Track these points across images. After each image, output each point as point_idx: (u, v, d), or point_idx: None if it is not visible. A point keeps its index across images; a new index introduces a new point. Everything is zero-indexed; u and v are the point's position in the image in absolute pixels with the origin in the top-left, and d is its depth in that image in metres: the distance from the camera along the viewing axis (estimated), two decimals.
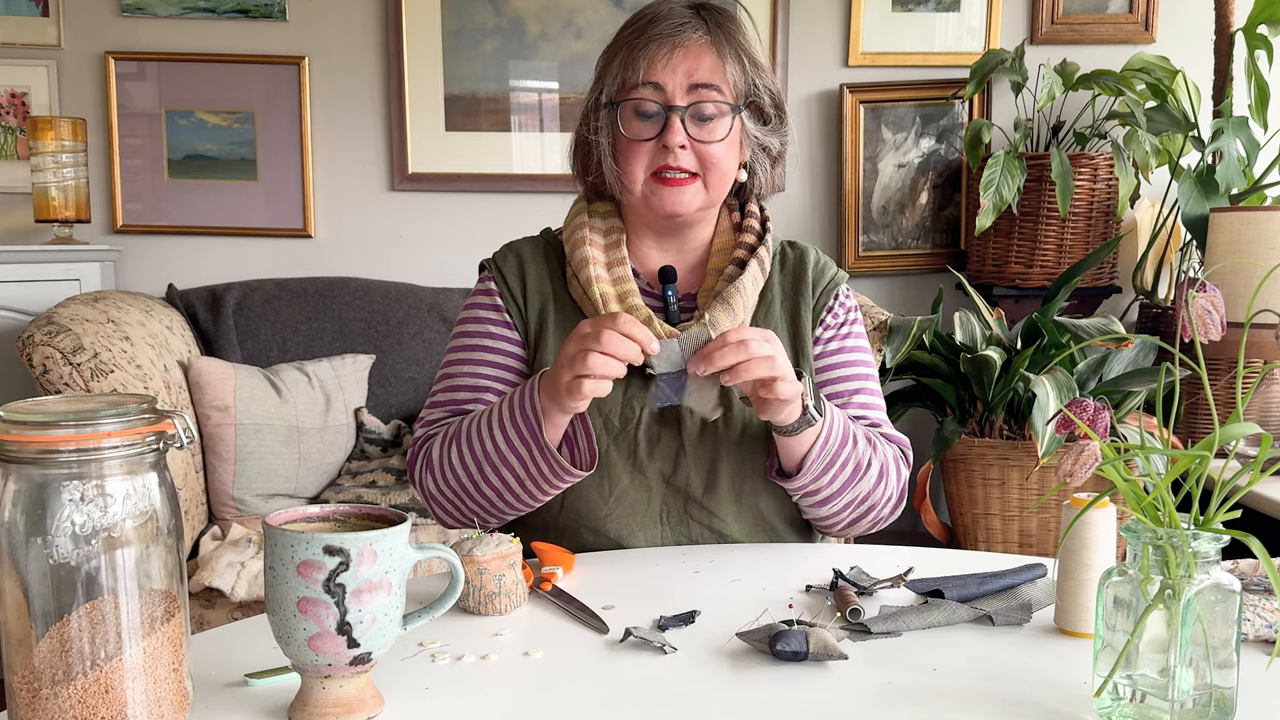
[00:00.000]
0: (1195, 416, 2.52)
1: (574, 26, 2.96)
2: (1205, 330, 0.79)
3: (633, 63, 1.19)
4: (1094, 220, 2.71)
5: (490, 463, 1.15)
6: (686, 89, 1.18)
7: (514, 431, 1.13)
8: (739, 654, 0.89)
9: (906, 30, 2.98)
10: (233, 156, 2.97)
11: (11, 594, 0.68)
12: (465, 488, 1.19)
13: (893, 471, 1.24)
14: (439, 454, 1.20)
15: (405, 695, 0.81)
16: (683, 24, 1.20)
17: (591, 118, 1.25)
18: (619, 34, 1.24)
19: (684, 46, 1.19)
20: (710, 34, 1.20)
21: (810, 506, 1.23)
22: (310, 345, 2.71)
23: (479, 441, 1.16)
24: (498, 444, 1.14)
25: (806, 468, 1.16)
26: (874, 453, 1.21)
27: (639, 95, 1.19)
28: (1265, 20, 2.56)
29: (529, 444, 1.12)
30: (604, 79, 1.23)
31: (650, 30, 1.20)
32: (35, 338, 2.07)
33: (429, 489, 1.22)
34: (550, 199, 2.97)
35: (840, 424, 1.18)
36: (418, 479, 1.24)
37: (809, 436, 1.15)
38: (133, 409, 0.69)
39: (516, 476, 1.15)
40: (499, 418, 1.15)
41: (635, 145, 1.20)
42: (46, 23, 2.90)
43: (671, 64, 1.18)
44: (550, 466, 1.14)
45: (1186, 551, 0.73)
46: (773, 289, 1.30)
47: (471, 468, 1.17)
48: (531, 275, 1.29)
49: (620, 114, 1.21)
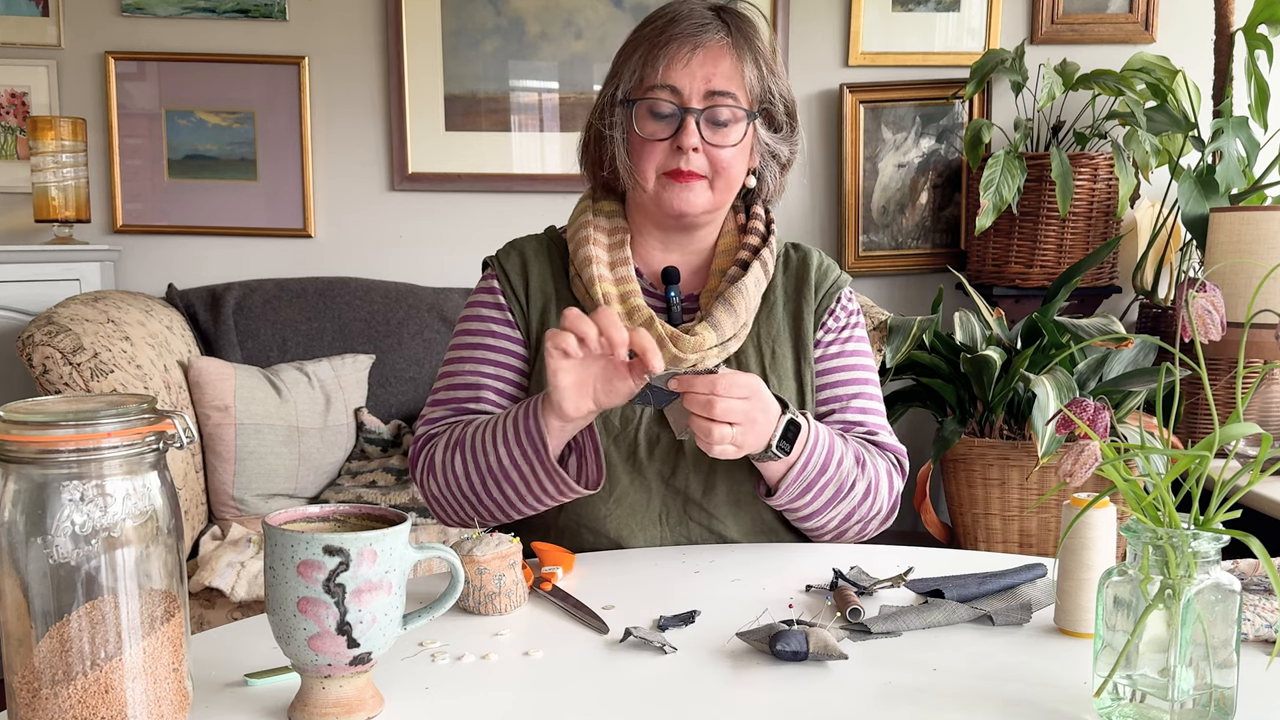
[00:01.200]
0: (1195, 416, 2.52)
1: (574, 26, 2.96)
2: (1205, 330, 0.79)
3: (652, 61, 1.19)
4: (1094, 220, 2.71)
5: (494, 477, 1.16)
6: (704, 94, 1.18)
7: (518, 449, 1.13)
8: (739, 654, 0.89)
9: (906, 30, 2.98)
10: (233, 156, 2.97)
11: (11, 594, 0.68)
12: (468, 496, 1.19)
13: (883, 487, 1.24)
14: (442, 459, 1.20)
15: (405, 695, 0.81)
16: (704, 25, 1.20)
17: (607, 112, 1.25)
18: (639, 30, 1.24)
19: (704, 48, 1.19)
20: (731, 36, 1.20)
21: (795, 520, 1.23)
22: (310, 345, 2.71)
23: (483, 455, 1.16)
24: (501, 460, 1.14)
25: (783, 490, 1.16)
26: (861, 473, 1.21)
27: (655, 96, 1.19)
28: (1265, 20, 2.56)
29: (533, 462, 1.12)
30: (621, 74, 1.23)
31: (671, 29, 1.20)
32: (35, 338, 2.07)
33: (431, 491, 1.23)
34: (550, 199, 2.97)
35: (823, 446, 1.17)
36: (420, 480, 1.24)
37: (780, 465, 1.15)
38: (133, 409, 0.69)
39: (519, 493, 1.16)
40: (503, 433, 1.14)
41: (649, 144, 1.20)
42: (46, 23, 2.90)
43: (690, 66, 1.18)
44: (556, 485, 1.14)
45: (1186, 551, 0.73)
46: (775, 291, 1.30)
47: (475, 479, 1.17)
48: (534, 274, 1.29)
49: (635, 112, 1.21)
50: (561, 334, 1.04)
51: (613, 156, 1.25)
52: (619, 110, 1.23)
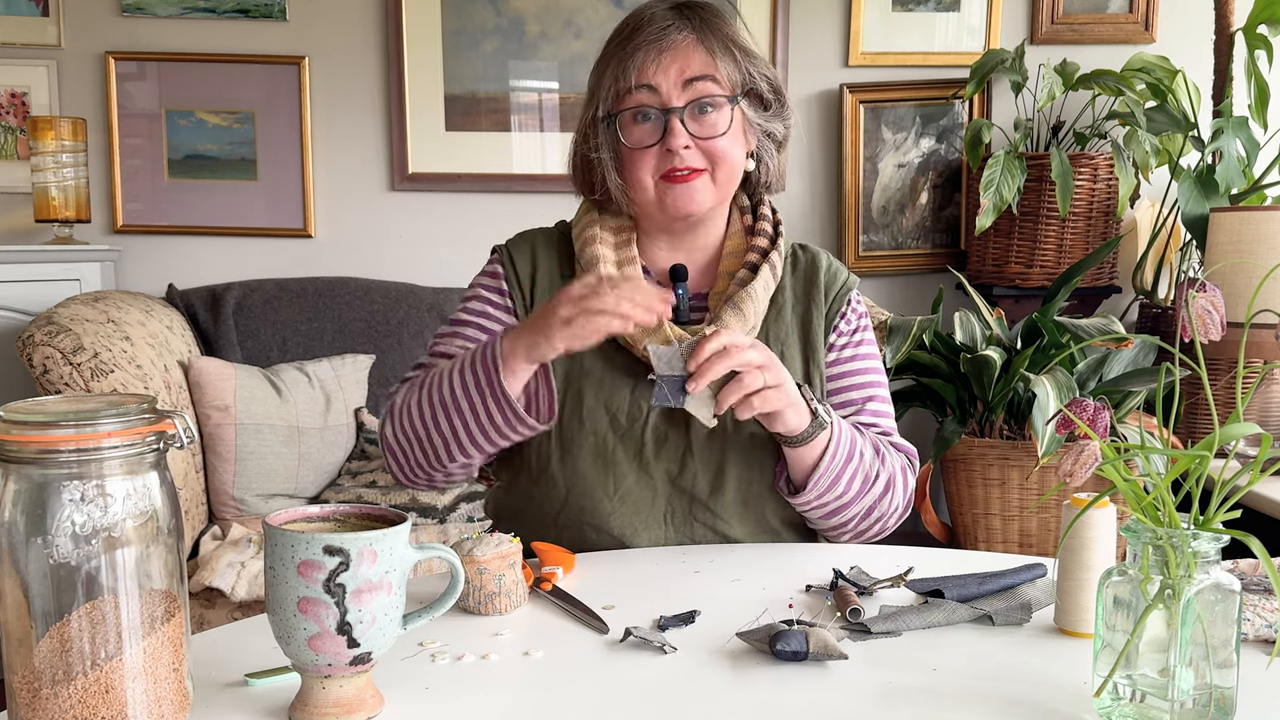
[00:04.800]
0: (1195, 416, 2.52)
1: (574, 26, 2.96)
2: (1205, 330, 0.79)
3: (623, 72, 1.18)
4: (1094, 220, 2.71)
5: (445, 407, 1.15)
6: (681, 86, 1.17)
7: (470, 376, 1.13)
8: (739, 654, 0.89)
9: (906, 30, 2.98)
10: (233, 156, 2.97)
11: (11, 594, 0.68)
12: (418, 433, 1.18)
13: (899, 483, 1.24)
14: (402, 401, 1.20)
15: (405, 695, 0.81)
16: (667, 26, 1.18)
17: (591, 134, 1.23)
18: (605, 48, 1.23)
19: (672, 49, 1.18)
20: (696, 31, 1.19)
21: (819, 519, 1.23)
22: (310, 345, 2.71)
23: (438, 390, 1.16)
24: (454, 389, 1.14)
25: (814, 483, 1.16)
26: (882, 465, 1.21)
27: (634, 101, 1.18)
28: (1265, 20, 2.55)
29: (484, 390, 1.12)
30: (597, 94, 1.22)
31: (636, 38, 1.19)
32: (35, 338, 2.07)
33: (385, 436, 1.22)
34: (550, 199, 2.96)
35: (848, 436, 1.18)
36: (380, 431, 1.24)
37: (818, 446, 1.15)
38: (133, 409, 0.69)
39: (466, 424, 1.15)
40: (460, 365, 1.15)
41: (639, 153, 1.20)
42: (46, 23, 2.90)
43: (662, 65, 1.17)
44: (504, 415, 1.13)
45: (1186, 551, 0.73)
46: (784, 293, 1.29)
47: (426, 413, 1.17)
48: (543, 266, 1.29)
49: (619, 123, 1.20)
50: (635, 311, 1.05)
51: (603, 179, 1.24)
52: (602, 128, 1.22)
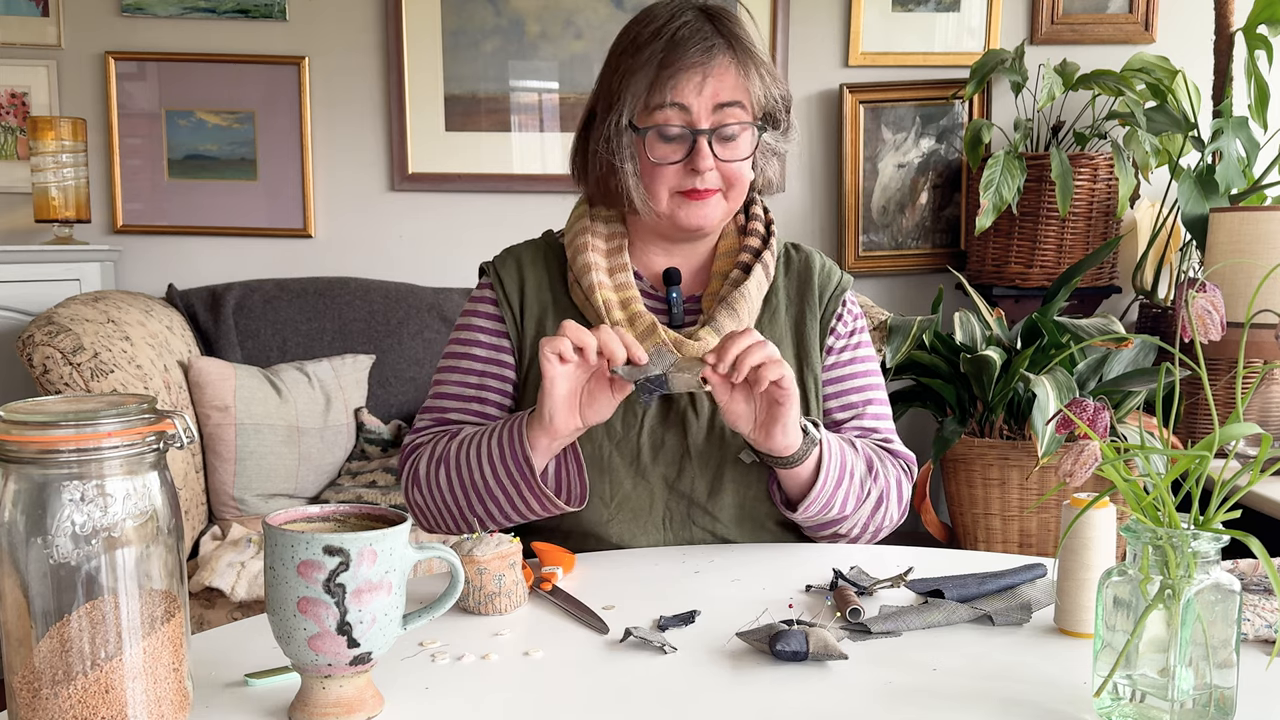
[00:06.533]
0: (1195, 416, 2.52)
1: (574, 26, 2.96)
2: (1205, 330, 0.79)
3: (659, 88, 1.16)
4: (1094, 220, 2.71)
5: (478, 493, 1.16)
6: (711, 109, 1.17)
7: (503, 467, 1.13)
8: (739, 654, 0.89)
9: (906, 30, 2.98)
10: (233, 156, 2.97)
11: (11, 594, 0.68)
12: (453, 510, 1.20)
13: (893, 496, 1.24)
14: (426, 472, 1.21)
15: (405, 695, 0.81)
16: (710, 46, 1.16)
17: (614, 140, 1.20)
18: (629, 49, 1.20)
19: (715, 74, 1.16)
20: (731, 52, 1.18)
21: (812, 530, 1.24)
22: (310, 345, 2.71)
23: (468, 471, 1.16)
24: (486, 478, 1.15)
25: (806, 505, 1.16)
26: (874, 482, 1.22)
27: (664, 117, 1.17)
28: (1265, 20, 2.55)
29: (517, 480, 1.13)
30: (622, 99, 1.19)
31: (679, 56, 1.16)
32: (35, 338, 2.07)
33: (416, 502, 1.24)
34: (550, 199, 2.97)
35: (838, 459, 1.17)
36: (406, 491, 1.25)
37: (809, 467, 1.15)
38: (133, 409, 0.69)
39: (502, 509, 1.17)
40: (488, 451, 1.15)
41: (661, 168, 1.19)
42: (46, 23, 2.90)
43: (700, 87, 1.16)
44: (540, 503, 1.15)
45: (1186, 551, 0.73)
46: (777, 294, 1.29)
47: (459, 495, 1.18)
48: (530, 282, 1.28)
49: (646, 139, 1.18)
50: (558, 339, 1.05)
51: (619, 184, 1.21)
52: (627, 137, 1.19)
